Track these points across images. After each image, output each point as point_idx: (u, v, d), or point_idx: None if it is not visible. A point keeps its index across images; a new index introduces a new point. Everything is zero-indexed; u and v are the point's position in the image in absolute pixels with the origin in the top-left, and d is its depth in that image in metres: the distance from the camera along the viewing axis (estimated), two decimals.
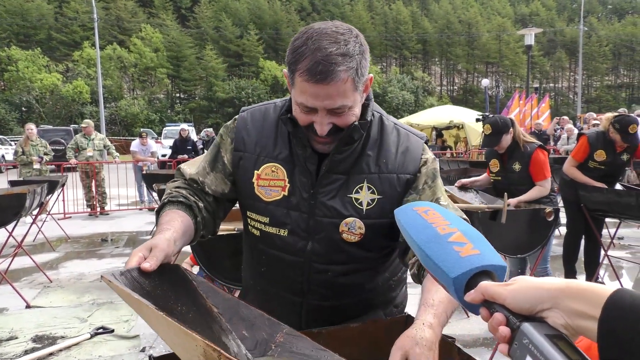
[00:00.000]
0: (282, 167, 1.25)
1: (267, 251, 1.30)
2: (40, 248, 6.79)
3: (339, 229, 1.22)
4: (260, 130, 1.30)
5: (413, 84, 51.36)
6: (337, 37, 1.10)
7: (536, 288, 0.60)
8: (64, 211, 9.43)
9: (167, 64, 46.24)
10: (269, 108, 1.34)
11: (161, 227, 1.15)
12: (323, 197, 1.22)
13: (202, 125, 40.58)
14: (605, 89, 65.67)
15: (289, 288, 1.29)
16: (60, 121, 35.61)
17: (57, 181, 6.75)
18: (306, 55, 1.08)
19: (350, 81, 1.10)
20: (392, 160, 1.25)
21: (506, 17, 64.90)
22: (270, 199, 1.25)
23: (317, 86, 1.08)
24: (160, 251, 1.01)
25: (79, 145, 9.54)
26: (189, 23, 53.28)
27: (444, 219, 0.77)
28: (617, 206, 3.96)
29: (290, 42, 1.15)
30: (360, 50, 1.12)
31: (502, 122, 3.55)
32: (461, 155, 14.17)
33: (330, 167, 1.22)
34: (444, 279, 0.69)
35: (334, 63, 1.07)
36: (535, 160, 3.57)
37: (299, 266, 1.26)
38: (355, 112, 1.18)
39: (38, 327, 3.86)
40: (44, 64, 39.50)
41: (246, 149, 1.29)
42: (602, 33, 65.45)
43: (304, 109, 1.14)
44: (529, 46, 18.41)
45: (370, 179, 1.23)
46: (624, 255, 5.88)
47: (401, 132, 1.30)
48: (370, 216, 1.22)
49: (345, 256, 1.25)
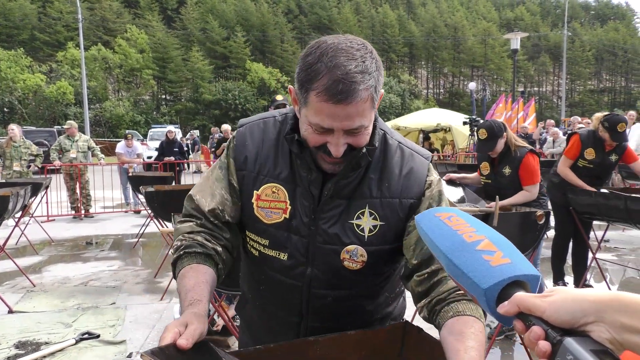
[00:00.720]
0: (284, 188, 1.19)
1: (267, 272, 1.25)
2: (23, 251, 6.66)
3: (340, 257, 1.17)
4: (260, 147, 1.23)
5: (400, 87, 51.67)
6: (354, 54, 1.03)
7: (579, 300, 0.56)
8: (48, 214, 9.27)
9: (152, 65, 45.93)
10: (268, 123, 1.26)
11: (188, 295, 1.07)
12: (324, 224, 1.17)
13: (188, 127, 40.32)
14: (588, 93, 66.77)
15: (287, 309, 1.25)
16: (43, 122, 35.15)
17: (40, 183, 6.63)
18: (322, 72, 1.01)
19: (369, 100, 1.05)
20: (395, 184, 1.18)
21: (491, 22, 65.67)
22: (271, 222, 1.19)
23: (337, 107, 1.01)
24: (197, 329, 0.96)
25: (62, 146, 9.40)
26: (175, 24, 52.99)
27: (469, 225, 0.72)
28: (605, 209, 3.99)
29: (301, 58, 1.08)
30: (377, 66, 1.06)
31: (497, 126, 3.55)
32: (448, 158, 14.25)
33: (334, 193, 1.16)
34: (474, 289, 0.65)
35: (354, 82, 1.00)
36: (525, 164, 3.58)
37: (298, 290, 1.22)
38: (369, 131, 1.13)
39: (21, 333, 3.77)
40: (27, 64, 39.00)
41: (247, 167, 1.22)
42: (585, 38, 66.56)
43: (318, 129, 1.07)
44: (515, 50, 18.60)
45: (372, 204, 1.17)
46: (610, 257, 5.94)
47: (405, 152, 1.22)
48: (373, 243, 1.17)
49: (346, 282, 1.20)
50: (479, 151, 3.76)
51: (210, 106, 45.27)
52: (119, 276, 5.40)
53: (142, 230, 7.21)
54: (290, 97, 1.16)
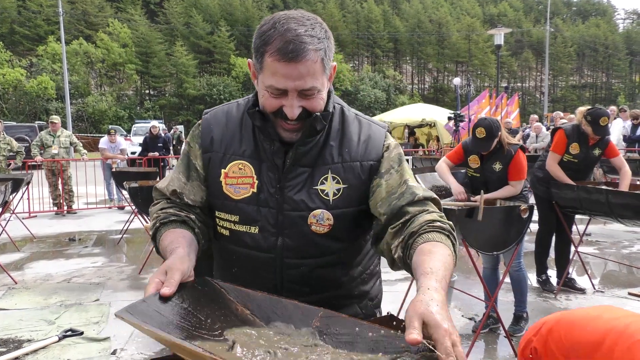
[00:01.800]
0: (250, 164, 1.25)
1: (237, 251, 1.29)
2: (3, 248, 6.55)
3: (307, 222, 1.22)
4: (224, 128, 1.30)
5: (385, 82, 51.75)
6: (304, 21, 1.13)
7: None
8: (29, 210, 9.13)
9: (135, 60, 45.32)
10: (232, 107, 1.35)
11: (167, 248, 1.15)
12: (290, 192, 1.22)
13: (172, 122, 39.94)
14: (570, 89, 67.56)
15: (262, 287, 1.26)
16: (24, 117, 34.52)
17: (21, 179, 6.52)
18: (275, 36, 1.10)
19: (319, 62, 1.12)
20: (355, 149, 1.25)
21: (475, 17, 65.99)
22: (239, 197, 1.25)
23: (288, 65, 1.09)
24: (177, 272, 1.01)
25: (44, 142, 9.26)
26: (159, 18, 52.34)
27: None
28: (587, 203, 4.05)
29: (257, 29, 1.16)
30: (326, 35, 1.16)
31: (495, 126, 3.53)
32: (433, 153, 14.32)
33: (295, 160, 1.22)
34: None
35: (304, 42, 1.09)
36: (516, 161, 3.61)
37: (270, 263, 1.25)
38: (323, 97, 1.19)
39: (3, 331, 3.71)
40: (6, 58, 38.29)
41: (213, 148, 1.29)
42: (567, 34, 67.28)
43: (274, 91, 1.14)
44: (499, 46, 18.74)
45: (334, 169, 1.23)
46: (592, 251, 6.03)
47: (363, 122, 1.30)
48: (338, 206, 1.22)
49: (317, 249, 1.24)
50: (475, 149, 3.70)
51: (194, 101, 44.89)
52: (103, 273, 5.34)
53: (126, 226, 7.14)
54: (250, 71, 1.22)
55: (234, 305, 1.07)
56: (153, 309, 0.93)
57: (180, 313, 0.96)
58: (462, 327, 3.79)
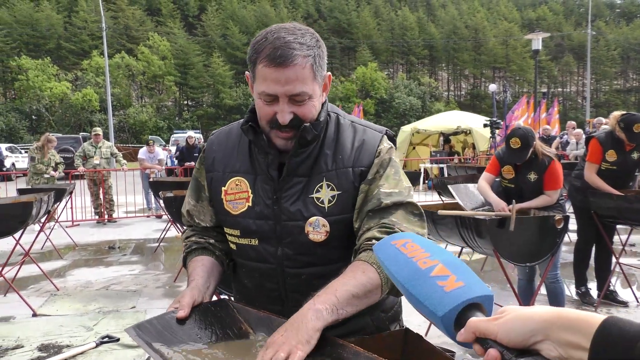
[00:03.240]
0: (245, 179, 1.29)
1: (244, 263, 1.34)
2: (48, 256, 6.81)
3: (304, 231, 1.23)
4: (225, 147, 1.35)
5: (420, 90, 51.30)
6: (295, 31, 1.16)
7: (526, 319, 0.58)
8: (72, 219, 9.47)
9: (174, 72, 46.53)
10: (233, 126, 1.40)
11: (188, 280, 1.27)
12: (286, 202, 1.24)
13: (209, 133, 40.71)
14: (614, 93, 65.23)
15: (268, 298, 1.32)
16: (69, 129, 35.91)
17: (64, 189, 6.78)
18: (266, 45, 1.14)
19: (309, 67, 1.15)
20: (348, 155, 1.25)
21: (513, 22, 64.73)
22: (237, 212, 1.29)
23: (277, 70, 1.12)
24: (189, 298, 1.14)
25: (86, 153, 9.60)
26: (196, 31, 53.63)
27: (423, 251, 0.73)
28: (628, 212, 3.90)
29: (251, 43, 1.21)
30: (317, 44, 1.18)
31: (531, 136, 3.44)
32: (469, 161, 14.09)
33: (289, 171, 1.24)
34: (432, 317, 0.66)
35: (292, 49, 1.13)
36: (551, 170, 3.50)
37: (272, 273, 1.28)
38: (316, 105, 1.21)
39: (44, 336, 3.86)
40: (53, 72, 39.93)
41: (214, 169, 1.35)
42: (610, 37, 65.11)
43: (265, 98, 1.17)
44: (536, 51, 18.32)
45: (328, 176, 1.24)
46: (635, 262, 5.79)
47: (357, 128, 1.31)
48: (333, 213, 1.23)
49: (316, 257, 1.25)
50: (510, 160, 3.61)
51: (231, 111, 45.65)
52: (140, 280, 5.48)
53: (163, 234, 7.31)
54: (249, 84, 1.26)
55: (240, 324, 1.13)
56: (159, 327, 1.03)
57: (185, 332, 1.05)
58: None
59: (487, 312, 0.65)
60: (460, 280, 0.66)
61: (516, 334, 0.58)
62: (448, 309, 0.64)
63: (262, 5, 56.31)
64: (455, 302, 0.64)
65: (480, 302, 0.65)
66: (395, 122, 42.77)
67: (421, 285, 0.68)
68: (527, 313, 0.59)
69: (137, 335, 0.98)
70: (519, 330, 0.58)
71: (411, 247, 0.75)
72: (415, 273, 0.70)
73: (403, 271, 0.71)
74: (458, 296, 0.64)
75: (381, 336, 1.17)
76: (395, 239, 0.79)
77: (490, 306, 0.66)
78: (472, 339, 0.62)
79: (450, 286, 0.65)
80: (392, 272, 0.73)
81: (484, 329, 0.60)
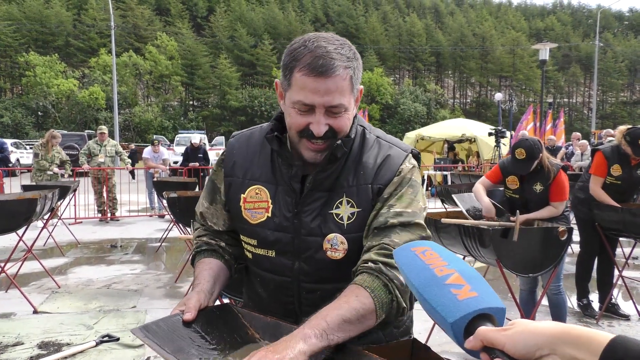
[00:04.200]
0: (265, 189, 1.26)
1: (259, 273, 1.32)
2: (50, 253, 6.82)
3: (322, 247, 1.21)
4: (245, 153, 1.32)
5: (425, 96, 51.31)
6: (334, 41, 1.14)
7: (534, 333, 0.60)
8: (75, 216, 9.49)
9: (181, 72, 46.70)
10: (255, 131, 1.36)
11: (194, 282, 1.27)
12: (306, 217, 1.22)
13: (214, 133, 40.84)
14: (620, 105, 65.09)
15: (282, 310, 1.29)
16: (75, 126, 36.05)
17: (68, 186, 6.80)
18: (305, 53, 1.11)
19: (348, 80, 1.13)
20: (369, 172, 1.22)
21: (520, 32, 64.75)
22: (255, 221, 1.26)
23: (317, 80, 1.09)
24: (196, 302, 1.14)
25: (91, 151, 9.63)
26: (204, 32, 53.86)
27: (442, 259, 0.75)
28: (632, 226, 3.89)
29: (286, 49, 1.18)
30: (355, 56, 1.16)
31: (537, 147, 3.39)
32: (473, 169, 14.06)
33: (314, 186, 1.21)
34: (443, 323, 0.68)
35: (334, 59, 1.10)
36: (557, 181, 3.47)
37: (288, 287, 1.26)
38: (350, 118, 1.19)
39: (44, 334, 3.86)
40: (61, 69, 40.10)
41: (234, 174, 1.31)
42: (618, 49, 65.02)
43: (301, 107, 1.13)
44: (544, 61, 18.30)
45: (348, 193, 1.21)
46: (638, 275, 5.76)
47: (382, 145, 1.27)
48: (352, 230, 1.20)
49: (333, 274, 1.22)
50: (514, 171, 3.56)
51: (236, 113, 45.77)
52: (141, 280, 5.48)
53: (165, 234, 7.31)
54: (277, 91, 1.24)
55: (245, 329, 1.13)
56: (166, 329, 1.04)
57: (191, 334, 1.06)
58: None
59: (497, 324, 0.67)
60: (474, 291, 0.68)
61: (523, 346, 0.60)
62: (459, 316, 0.66)
63: (270, 8, 56.52)
64: (467, 310, 0.66)
65: (491, 314, 0.67)
66: (400, 128, 42.77)
67: (435, 291, 0.70)
68: (536, 327, 0.61)
69: (145, 336, 0.99)
70: (527, 342, 0.60)
71: (430, 254, 0.77)
72: (431, 280, 0.72)
73: (419, 277, 0.74)
74: (470, 305, 0.66)
75: (388, 346, 1.17)
76: (415, 245, 0.81)
77: (502, 319, 0.68)
78: (480, 347, 0.63)
79: (463, 295, 0.68)
80: (408, 277, 0.76)
81: (492, 339, 0.62)
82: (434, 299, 0.69)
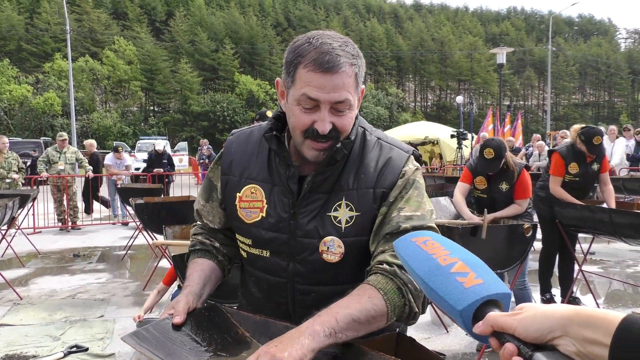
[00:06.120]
0: (261, 188, 1.25)
1: (253, 272, 1.31)
2: (9, 264, 6.57)
3: (319, 249, 1.20)
4: (243, 152, 1.31)
5: (387, 100, 52.03)
6: (338, 39, 1.14)
7: (545, 316, 0.60)
8: (34, 225, 9.17)
9: (140, 77, 45.76)
10: (254, 130, 1.35)
11: (185, 283, 1.26)
12: (303, 218, 1.21)
13: (176, 139, 40.17)
14: (572, 107, 67.78)
15: (276, 311, 1.28)
16: (29, 133, 34.78)
17: (28, 195, 6.58)
18: (310, 50, 1.10)
19: (354, 77, 1.13)
20: (371, 175, 1.21)
21: (477, 36, 66.59)
22: (250, 221, 1.26)
23: (324, 76, 1.09)
24: (184, 304, 1.13)
25: (50, 158, 9.33)
26: (164, 36, 52.96)
27: (444, 248, 0.76)
28: (591, 222, 4.06)
29: (289, 46, 1.16)
30: (359, 54, 1.16)
31: (503, 146, 3.56)
32: (436, 171, 14.35)
33: (312, 187, 1.20)
34: (451, 311, 0.69)
35: (339, 55, 1.10)
36: (521, 180, 3.64)
37: (282, 287, 1.25)
38: (352, 117, 1.18)
39: (8, 346, 3.72)
40: (13, 75, 38.66)
41: (231, 172, 1.31)
42: (569, 53, 67.72)
43: (306, 103, 1.11)
44: (501, 65, 18.87)
45: (348, 196, 1.20)
46: (595, 270, 6.02)
47: (384, 146, 1.26)
48: (349, 234, 1.19)
49: (328, 277, 1.22)
50: (483, 170, 3.69)
51: (198, 118, 45.15)
52: (107, 289, 5.35)
53: (131, 242, 7.16)
54: (277, 90, 1.22)
55: (235, 329, 1.15)
56: (157, 334, 1.04)
57: (182, 338, 1.06)
58: (466, 346, 3.79)
59: (504, 309, 0.68)
60: (480, 278, 0.69)
61: (535, 329, 0.60)
62: (467, 303, 0.67)
63: (231, 12, 56.10)
64: (474, 297, 0.67)
65: (498, 300, 0.68)
66: None
67: (441, 280, 0.71)
68: (547, 310, 0.61)
69: (136, 343, 0.97)
70: (538, 326, 0.60)
71: (431, 244, 0.78)
72: (436, 269, 0.72)
73: (424, 267, 0.74)
74: (477, 292, 0.67)
75: (373, 340, 1.19)
76: (416, 236, 0.82)
77: (508, 304, 0.69)
78: (490, 332, 0.64)
79: (469, 282, 0.69)
80: (412, 268, 0.76)
81: (502, 323, 0.63)
82: (440, 288, 0.70)
